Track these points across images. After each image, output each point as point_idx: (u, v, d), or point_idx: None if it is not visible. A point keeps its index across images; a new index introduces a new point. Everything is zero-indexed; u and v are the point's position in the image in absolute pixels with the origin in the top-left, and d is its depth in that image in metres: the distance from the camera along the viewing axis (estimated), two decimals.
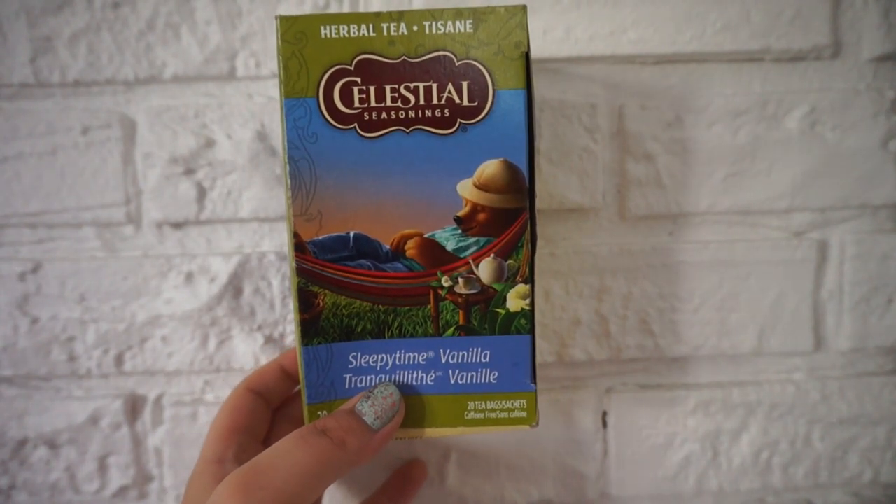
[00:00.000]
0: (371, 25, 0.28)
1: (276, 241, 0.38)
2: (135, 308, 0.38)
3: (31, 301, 0.38)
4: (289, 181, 0.28)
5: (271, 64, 0.37)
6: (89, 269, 0.38)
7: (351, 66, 0.28)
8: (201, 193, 0.38)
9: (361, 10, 0.37)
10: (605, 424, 0.40)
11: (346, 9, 0.37)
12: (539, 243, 0.39)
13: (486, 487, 0.40)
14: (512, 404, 0.31)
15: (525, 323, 0.30)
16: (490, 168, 0.29)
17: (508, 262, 0.30)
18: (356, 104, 0.28)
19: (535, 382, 0.31)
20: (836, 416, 0.40)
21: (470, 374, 0.31)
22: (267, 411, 0.34)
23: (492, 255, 0.30)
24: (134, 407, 0.39)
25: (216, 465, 0.31)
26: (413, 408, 0.30)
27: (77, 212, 0.38)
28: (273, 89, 0.38)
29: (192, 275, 0.38)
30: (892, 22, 0.38)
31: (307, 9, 0.37)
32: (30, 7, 0.36)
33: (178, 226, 0.38)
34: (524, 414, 0.31)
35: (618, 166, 0.38)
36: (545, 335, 0.39)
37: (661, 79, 0.38)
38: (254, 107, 0.37)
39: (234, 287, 0.38)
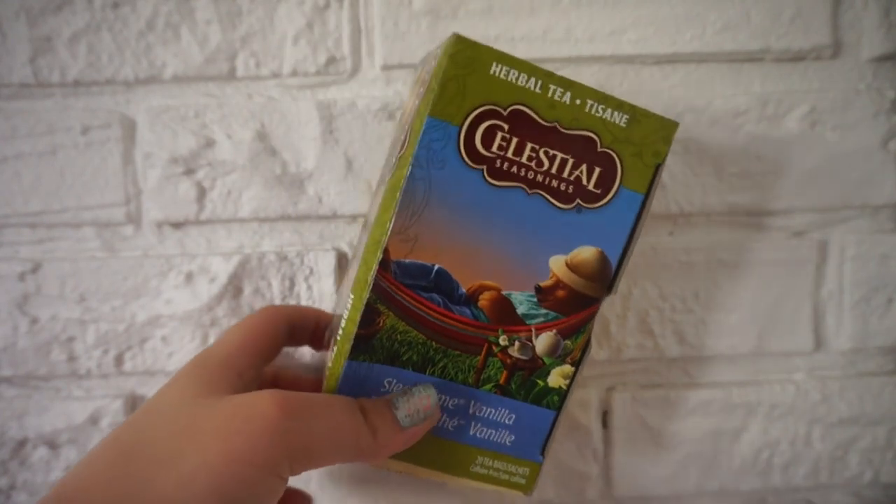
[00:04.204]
0: (540, 82, 0.28)
1: (276, 241, 0.38)
2: (135, 308, 0.38)
3: (31, 301, 0.38)
4: (400, 197, 0.28)
5: (272, 64, 0.37)
6: (89, 269, 0.38)
7: (505, 111, 0.28)
8: (201, 193, 0.38)
9: (361, 12, 0.37)
10: (605, 424, 0.40)
11: (345, 9, 0.37)
12: None
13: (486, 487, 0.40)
14: (516, 469, 0.32)
15: (557, 400, 0.31)
16: (586, 253, 0.29)
17: (566, 342, 0.30)
18: (494, 149, 0.28)
19: (543, 455, 0.32)
20: (836, 416, 0.40)
21: (490, 431, 0.31)
22: (279, 348, 0.33)
23: (554, 331, 0.30)
24: (134, 407, 0.39)
25: (235, 377, 0.29)
26: (425, 446, 0.30)
27: (77, 212, 0.38)
28: (274, 89, 0.38)
29: (192, 275, 0.38)
30: (892, 22, 0.38)
31: (307, 9, 0.37)
32: (30, 7, 0.36)
33: (178, 226, 0.38)
34: (523, 481, 0.32)
35: None
36: None
37: (661, 79, 0.38)
38: (254, 107, 0.37)
39: (234, 287, 0.38)
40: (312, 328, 0.35)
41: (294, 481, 0.40)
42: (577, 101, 0.28)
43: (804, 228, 0.39)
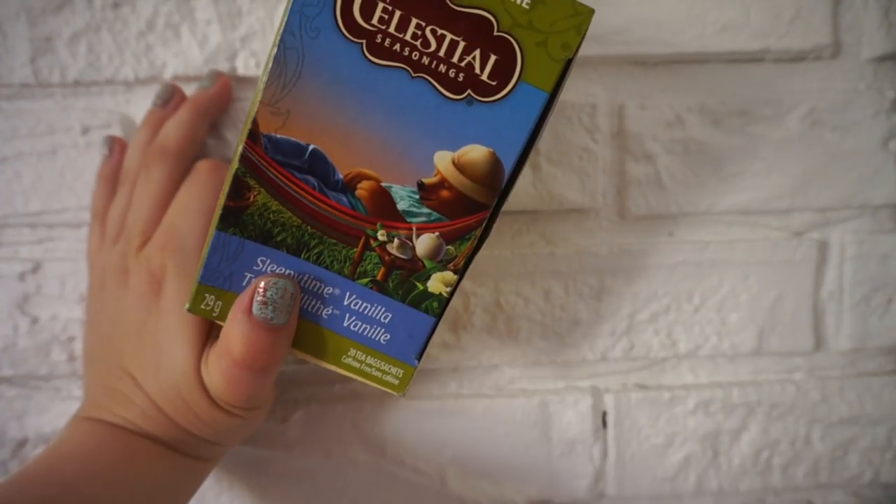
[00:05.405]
0: None
1: None
2: None
3: (31, 301, 0.38)
4: (270, 64, 0.26)
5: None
6: None
7: None
8: None
9: None
10: (604, 424, 0.40)
11: None
12: (539, 243, 0.39)
13: (486, 487, 0.40)
14: (389, 368, 0.30)
15: (436, 307, 0.29)
16: (475, 153, 0.27)
17: (449, 247, 0.28)
18: (374, 21, 0.25)
19: (418, 360, 0.30)
20: (836, 416, 0.40)
21: (364, 326, 0.30)
22: None
23: (437, 233, 0.28)
24: None
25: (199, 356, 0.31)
26: (299, 328, 0.30)
27: (77, 212, 0.38)
28: None
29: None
30: (892, 22, 0.38)
31: None
32: (30, 7, 0.36)
33: None
34: (396, 382, 0.30)
35: (618, 166, 0.38)
36: (545, 335, 0.39)
37: (662, 79, 0.38)
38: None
39: None
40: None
41: (290, 482, 0.40)
42: None
43: (804, 228, 0.39)
